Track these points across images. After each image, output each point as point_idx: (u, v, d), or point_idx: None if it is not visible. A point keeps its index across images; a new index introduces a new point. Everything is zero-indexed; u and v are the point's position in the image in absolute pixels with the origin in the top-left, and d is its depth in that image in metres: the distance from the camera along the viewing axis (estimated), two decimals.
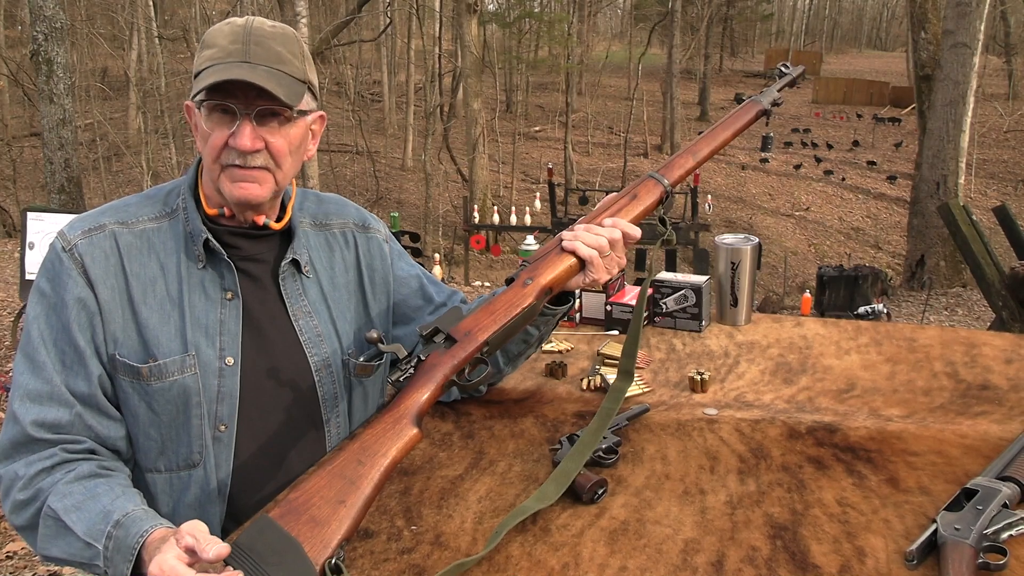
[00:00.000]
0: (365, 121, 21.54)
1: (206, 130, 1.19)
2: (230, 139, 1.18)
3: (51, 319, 1.18)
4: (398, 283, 1.44)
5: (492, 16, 23.55)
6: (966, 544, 0.95)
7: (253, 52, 1.18)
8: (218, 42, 1.19)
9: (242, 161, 1.19)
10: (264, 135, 1.19)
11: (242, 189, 1.20)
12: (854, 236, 18.51)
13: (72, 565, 1.09)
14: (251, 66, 1.16)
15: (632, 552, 1.02)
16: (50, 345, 1.17)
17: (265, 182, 1.22)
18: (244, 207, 1.24)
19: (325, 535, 0.95)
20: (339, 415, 1.34)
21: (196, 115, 1.22)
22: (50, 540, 1.09)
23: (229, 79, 1.14)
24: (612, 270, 1.26)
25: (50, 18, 8.54)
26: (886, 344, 1.65)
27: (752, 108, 1.40)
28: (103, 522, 1.05)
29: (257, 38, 1.19)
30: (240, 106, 1.17)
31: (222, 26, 1.22)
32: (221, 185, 1.21)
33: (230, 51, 1.17)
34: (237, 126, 1.17)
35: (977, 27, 10.67)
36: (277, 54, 1.19)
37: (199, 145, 1.24)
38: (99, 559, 1.04)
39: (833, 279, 8.46)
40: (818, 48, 48.59)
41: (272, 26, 1.22)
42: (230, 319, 1.24)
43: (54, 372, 1.16)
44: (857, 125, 26.37)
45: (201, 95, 1.17)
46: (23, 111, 20.66)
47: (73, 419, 1.16)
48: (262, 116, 1.18)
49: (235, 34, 1.19)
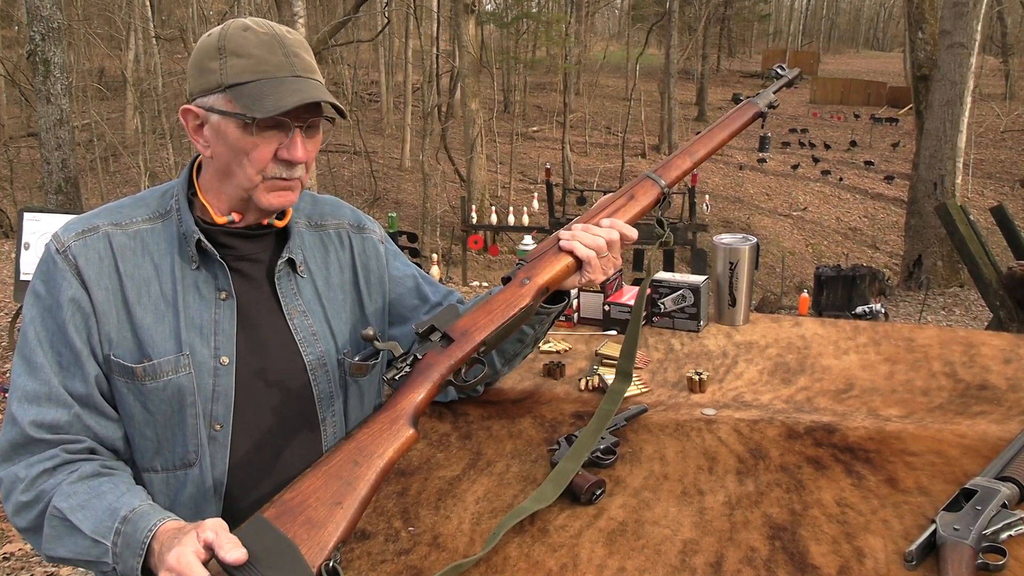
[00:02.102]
0: (363, 121, 21.53)
1: (249, 143, 1.16)
2: (280, 151, 1.18)
3: (46, 321, 1.17)
4: (394, 283, 1.44)
5: (490, 16, 23.53)
6: (965, 544, 0.95)
7: (296, 65, 1.18)
8: (252, 52, 1.16)
9: (288, 173, 1.20)
10: (306, 144, 1.20)
11: (282, 198, 1.22)
12: (852, 236, 18.54)
13: (79, 564, 1.09)
14: (304, 80, 1.17)
15: (630, 553, 1.01)
16: (46, 346, 1.16)
17: (297, 188, 1.24)
18: (271, 214, 1.26)
19: (322, 537, 0.94)
20: (335, 415, 1.34)
21: (219, 124, 1.18)
22: (56, 540, 1.09)
23: (312, 100, 1.14)
24: (608, 270, 1.26)
25: (47, 18, 8.53)
26: (884, 344, 1.65)
27: (749, 110, 1.41)
28: (110, 519, 1.05)
29: (291, 48, 1.18)
30: (291, 119, 1.16)
31: (243, 32, 1.18)
32: (256, 195, 1.20)
33: (275, 64, 1.16)
34: (290, 139, 1.18)
35: (974, 27, 10.69)
36: (311, 64, 1.21)
37: (214, 153, 1.20)
38: (108, 556, 1.03)
39: (831, 279, 8.47)
40: (815, 48, 48.62)
41: (290, 32, 1.22)
42: (224, 319, 1.23)
43: (51, 373, 1.15)
44: (855, 125, 26.41)
45: (263, 115, 1.13)
46: (20, 111, 20.65)
47: (72, 419, 1.15)
48: (311, 128, 1.20)
49: (268, 44, 1.17)
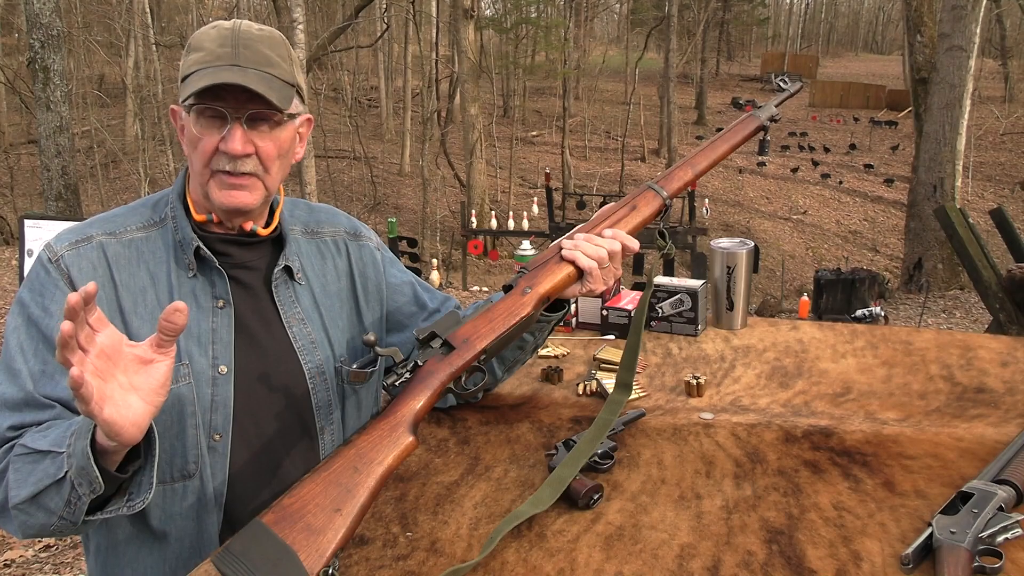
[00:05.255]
0: (362, 127, 21.56)
1: (195, 135, 1.18)
2: (220, 143, 1.17)
3: (31, 329, 1.16)
4: (391, 291, 1.44)
5: (489, 21, 23.59)
6: (962, 547, 0.95)
7: (242, 55, 1.17)
8: (205, 45, 1.18)
9: (232, 166, 1.18)
10: (254, 139, 1.18)
11: (232, 198, 1.20)
12: (851, 239, 18.53)
13: (42, 499, 1.03)
14: (241, 69, 1.16)
15: (628, 557, 1.02)
16: (29, 354, 1.14)
17: (255, 189, 1.21)
18: (233, 214, 1.24)
19: (320, 544, 0.94)
20: (333, 423, 1.34)
21: (184, 119, 1.21)
22: (22, 478, 1.05)
23: (221, 82, 1.13)
24: (609, 281, 1.27)
25: (47, 25, 8.55)
26: (882, 347, 1.65)
27: (750, 123, 1.43)
28: (67, 432, 1.03)
29: (245, 41, 1.18)
30: (231, 110, 1.16)
31: (208, 30, 1.21)
32: (210, 191, 1.20)
33: (219, 54, 1.16)
34: (228, 130, 1.16)
35: (973, 30, 10.71)
36: (266, 57, 1.19)
37: (186, 150, 1.22)
38: (63, 462, 1.00)
39: (830, 282, 8.48)
40: (814, 52, 48.70)
41: (260, 29, 1.22)
42: (222, 327, 1.23)
43: (28, 379, 1.13)
44: (854, 128, 26.42)
45: (191, 99, 1.16)
46: (20, 118, 20.67)
47: (55, 417, 1.12)
48: (252, 120, 1.18)
49: (223, 37, 1.18)
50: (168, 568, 1.23)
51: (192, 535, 1.23)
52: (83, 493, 1.00)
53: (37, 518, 1.05)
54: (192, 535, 1.23)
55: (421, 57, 20.26)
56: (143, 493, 1.04)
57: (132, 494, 1.05)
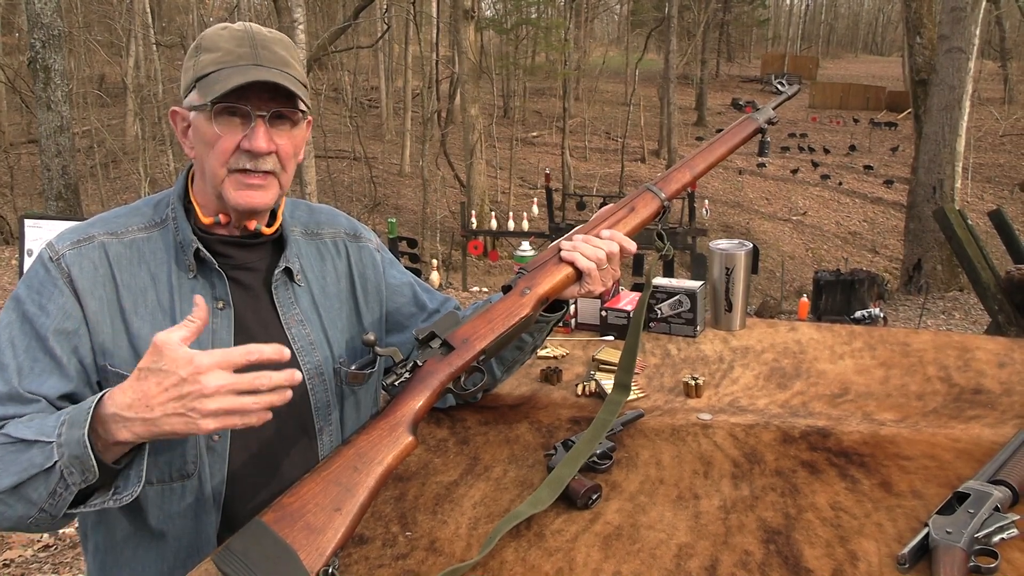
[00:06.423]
0: (362, 127, 21.56)
1: (213, 134, 1.18)
2: (243, 141, 1.18)
3: (24, 326, 1.15)
4: (391, 292, 1.45)
5: (489, 22, 23.58)
6: (958, 547, 0.96)
7: (262, 56, 1.18)
8: (221, 45, 1.18)
9: (253, 165, 1.19)
10: (274, 137, 1.20)
11: (249, 198, 1.21)
12: (851, 240, 18.54)
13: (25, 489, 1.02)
14: (266, 69, 1.17)
15: (626, 557, 1.02)
16: (20, 350, 1.14)
17: (271, 187, 1.22)
18: (247, 214, 1.25)
19: (320, 543, 0.95)
20: (331, 424, 1.34)
21: (192, 120, 1.21)
22: (3, 468, 1.03)
23: (254, 80, 1.14)
24: (607, 282, 1.28)
25: (47, 25, 8.56)
26: (880, 349, 1.66)
27: (749, 126, 1.43)
28: (55, 422, 1.02)
29: (262, 42, 1.20)
30: (254, 108, 1.17)
31: (219, 30, 1.22)
32: (224, 191, 1.20)
33: (239, 54, 1.18)
34: (252, 128, 1.17)
35: (972, 32, 10.72)
36: (282, 58, 1.20)
37: (196, 151, 1.23)
38: (53, 451, 0.99)
39: (830, 283, 8.49)
40: (814, 53, 48.70)
41: (270, 32, 1.24)
42: (222, 328, 1.24)
43: (15, 374, 1.12)
44: (854, 130, 26.43)
45: (213, 99, 1.15)
46: (21, 118, 20.67)
47: (39, 411, 1.11)
48: (274, 118, 1.19)
49: (238, 38, 1.19)
50: (166, 567, 1.23)
51: (190, 535, 1.23)
52: (72, 483, 1.01)
53: (15, 509, 1.04)
54: (190, 535, 1.23)
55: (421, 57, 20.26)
56: (131, 487, 1.05)
57: (119, 487, 1.05)
